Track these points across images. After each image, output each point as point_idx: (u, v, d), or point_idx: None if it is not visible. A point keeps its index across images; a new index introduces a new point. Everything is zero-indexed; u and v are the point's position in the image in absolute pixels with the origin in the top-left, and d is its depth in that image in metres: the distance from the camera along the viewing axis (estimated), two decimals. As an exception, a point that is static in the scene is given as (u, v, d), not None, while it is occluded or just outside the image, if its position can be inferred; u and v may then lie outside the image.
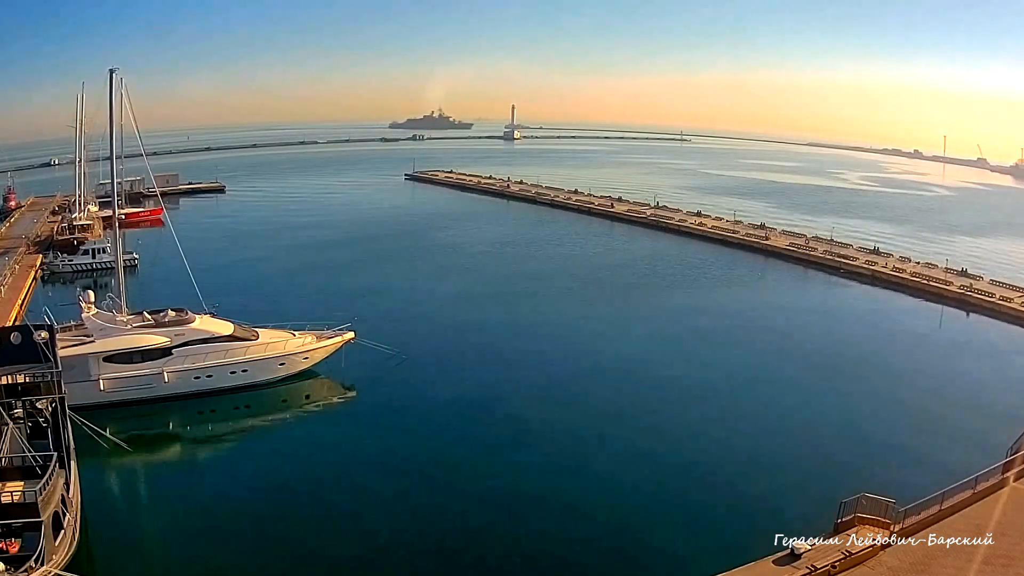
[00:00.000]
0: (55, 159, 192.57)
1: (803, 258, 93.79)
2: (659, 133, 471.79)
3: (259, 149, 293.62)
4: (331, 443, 42.56)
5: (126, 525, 33.53)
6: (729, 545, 30.31)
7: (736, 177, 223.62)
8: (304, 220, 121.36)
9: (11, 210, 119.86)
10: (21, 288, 69.42)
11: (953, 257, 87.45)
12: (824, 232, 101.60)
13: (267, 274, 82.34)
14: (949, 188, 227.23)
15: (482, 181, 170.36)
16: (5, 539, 25.99)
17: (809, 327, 66.88)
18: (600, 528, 33.35)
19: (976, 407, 47.45)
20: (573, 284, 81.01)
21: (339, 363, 50.59)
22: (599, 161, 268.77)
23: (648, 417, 45.43)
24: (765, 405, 47.81)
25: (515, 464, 39.35)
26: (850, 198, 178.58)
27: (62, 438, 31.72)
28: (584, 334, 62.38)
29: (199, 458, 42.09)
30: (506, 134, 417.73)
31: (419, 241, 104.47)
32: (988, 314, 71.50)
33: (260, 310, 57.34)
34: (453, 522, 33.90)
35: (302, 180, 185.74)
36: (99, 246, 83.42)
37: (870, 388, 50.97)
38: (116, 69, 48.55)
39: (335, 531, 32.83)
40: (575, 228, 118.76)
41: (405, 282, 79.53)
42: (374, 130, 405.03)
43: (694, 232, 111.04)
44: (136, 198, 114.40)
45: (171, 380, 45.59)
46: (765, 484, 36.54)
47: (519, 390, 49.43)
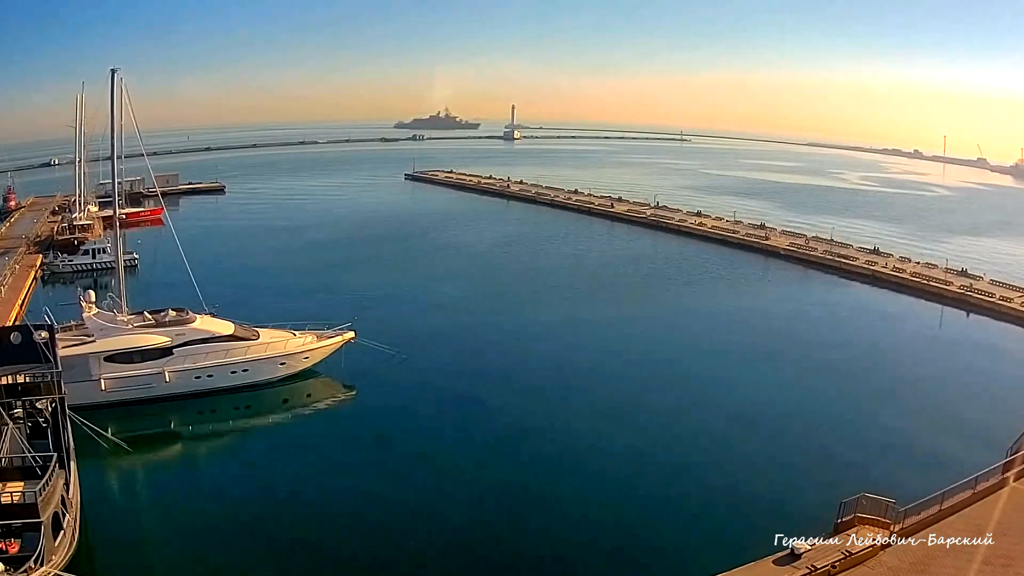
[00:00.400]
0: (55, 159, 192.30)
1: (803, 258, 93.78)
2: (659, 133, 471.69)
3: (259, 149, 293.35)
4: (331, 443, 42.62)
5: (126, 525, 33.48)
6: (729, 545, 30.33)
7: (736, 177, 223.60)
8: (304, 220, 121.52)
9: (11, 210, 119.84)
10: (21, 288, 69.42)
11: (953, 257, 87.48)
12: (824, 232, 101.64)
13: (267, 274, 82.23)
14: (949, 188, 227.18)
15: (482, 181, 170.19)
16: (5, 539, 25.98)
17: (809, 327, 66.90)
18: (600, 528, 33.38)
19: (976, 407, 47.49)
20: (573, 284, 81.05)
21: (339, 363, 50.62)
22: (599, 161, 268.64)
23: (647, 417, 45.47)
24: (765, 405, 47.82)
25: (515, 464, 39.41)
26: (850, 198, 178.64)
27: (62, 438, 31.74)
28: (584, 334, 62.37)
29: (199, 458, 42.12)
30: (506, 134, 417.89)
31: (419, 241, 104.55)
32: (988, 314, 71.53)
33: (260, 310, 57.42)
34: (453, 521, 33.91)
35: (302, 180, 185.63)
36: (99, 246, 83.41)
37: (870, 388, 50.99)
38: (117, 69, 48.72)
39: (335, 530, 32.86)
40: (575, 228, 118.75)
41: (405, 282, 79.51)
42: (379, 130, 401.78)
43: (694, 232, 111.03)
44: (136, 198, 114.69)
45: (171, 380, 45.60)
46: (765, 484, 36.54)
47: (519, 390, 49.47)
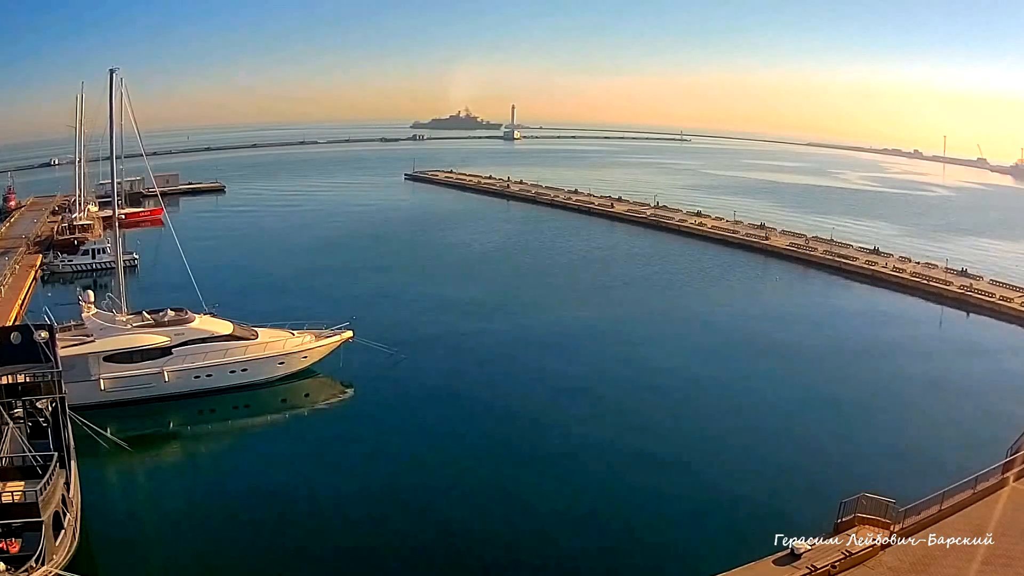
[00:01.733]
0: (55, 159, 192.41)
1: (803, 258, 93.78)
2: (659, 133, 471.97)
3: (259, 149, 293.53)
4: (330, 442, 42.57)
5: (126, 525, 33.46)
6: (729, 545, 30.32)
7: (736, 177, 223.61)
8: (303, 220, 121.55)
9: (11, 210, 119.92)
10: (21, 288, 69.41)
11: (953, 257, 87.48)
12: (824, 232, 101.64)
13: (266, 274, 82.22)
14: (949, 188, 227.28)
15: (482, 181, 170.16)
16: (5, 539, 25.92)
17: (809, 327, 66.80)
18: (600, 528, 33.37)
19: (976, 407, 47.49)
20: (572, 284, 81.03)
21: (338, 362, 50.60)
22: (599, 161, 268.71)
23: (647, 417, 45.40)
24: (765, 405, 47.80)
25: (514, 464, 39.38)
26: (850, 198, 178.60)
27: (62, 438, 31.72)
28: (583, 334, 62.33)
29: (199, 457, 42.07)
30: (506, 134, 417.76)
31: (418, 241, 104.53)
32: (988, 314, 71.56)
33: (259, 309, 57.37)
34: (451, 520, 33.88)
35: (302, 180, 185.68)
36: (99, 246, 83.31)
37: (870, 388, 50.96)
38: (116, 69, 48.73)
39: (334, 530, 32.86)
40: (575, 228, 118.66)
41: (404, 281, 79.46)
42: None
43: (694, 232, 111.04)
44: (136, 198, 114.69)
45: (171, 380, 45.59)
46: (765, 484, 36.52)
47: (518, 389, 49.44)
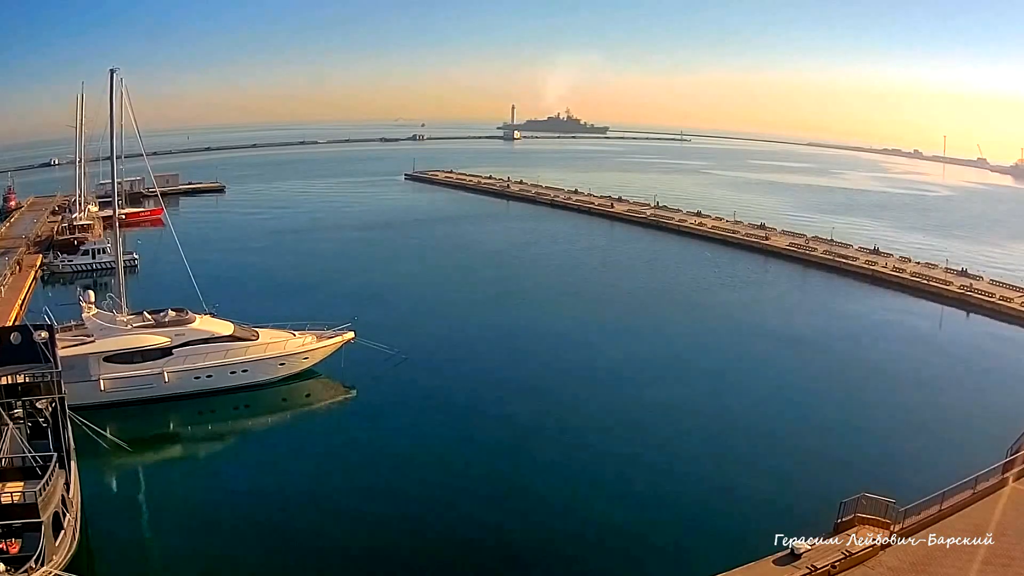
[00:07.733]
0: (55, 159, 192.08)
1: (803, 258, 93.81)
2: (659, 133, 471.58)
3: (259, 149, 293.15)
4: (331, 443, 42.61)
5: (126, 525, 33.46)
6: (729, 545, 30.32)
7: (736, 177, 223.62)
8: (304, 220, 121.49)
9: (11, 210, 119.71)
10: (21, 288, 69.37)
11: (953, 257, 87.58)
12: (824, 232, 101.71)
13: (267, 274, 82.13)
14: (949, 188, 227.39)
15: (482, 181, 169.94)
16: (5, 539, 25.94)
17: (809, 327, 66.77)
18: (600, 528, 33.33)
19: (976, 407, 47.49)
20: (572, 284, 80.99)
21: (339, 363, 50.57)
22: (599, 161, 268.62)
23: (647, 417, 45.45)
24: (765, 405, 47.81)
25: (515, 464, 39.40)
26: (850, 198, 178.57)
27: (62, 438, 31.71)
28: (584, 334, 62.30)
29: (199, 458, 42.09)
30: (505, 134, 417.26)
31: (419, 241, 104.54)
32: (988, 314, 71.59)
33: (260, 310, 57.22)
34: (452, 521, 33.90)
35: (302, 180, 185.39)
36: (99, 246, 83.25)
37: (870, 388, 50.97)
38: (116, 69, 48.59)
39: (335, 530, 32.86)
40: (575, 228, 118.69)
41: (405, 282, 79.46)
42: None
43: (694, 232, 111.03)
44: (136, 198, 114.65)
45: (171, 380, 45.55)
46: (765, 484, 36.52)
47: (519, 390, 49.40)
